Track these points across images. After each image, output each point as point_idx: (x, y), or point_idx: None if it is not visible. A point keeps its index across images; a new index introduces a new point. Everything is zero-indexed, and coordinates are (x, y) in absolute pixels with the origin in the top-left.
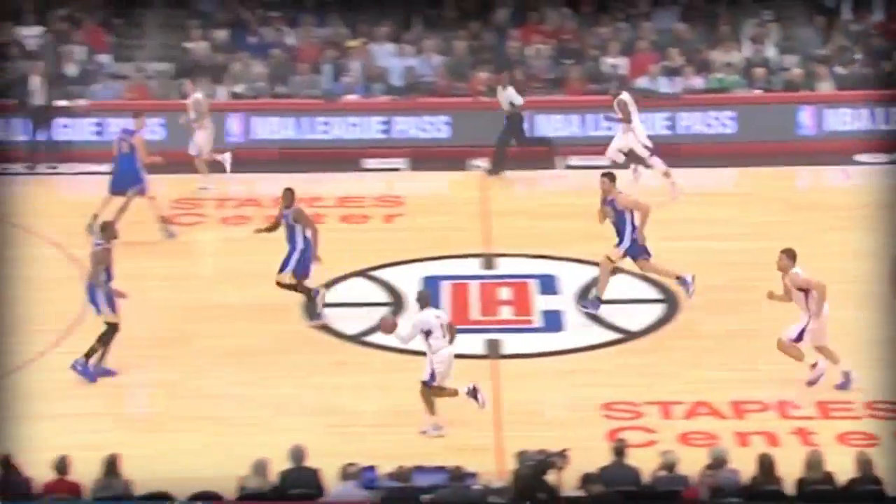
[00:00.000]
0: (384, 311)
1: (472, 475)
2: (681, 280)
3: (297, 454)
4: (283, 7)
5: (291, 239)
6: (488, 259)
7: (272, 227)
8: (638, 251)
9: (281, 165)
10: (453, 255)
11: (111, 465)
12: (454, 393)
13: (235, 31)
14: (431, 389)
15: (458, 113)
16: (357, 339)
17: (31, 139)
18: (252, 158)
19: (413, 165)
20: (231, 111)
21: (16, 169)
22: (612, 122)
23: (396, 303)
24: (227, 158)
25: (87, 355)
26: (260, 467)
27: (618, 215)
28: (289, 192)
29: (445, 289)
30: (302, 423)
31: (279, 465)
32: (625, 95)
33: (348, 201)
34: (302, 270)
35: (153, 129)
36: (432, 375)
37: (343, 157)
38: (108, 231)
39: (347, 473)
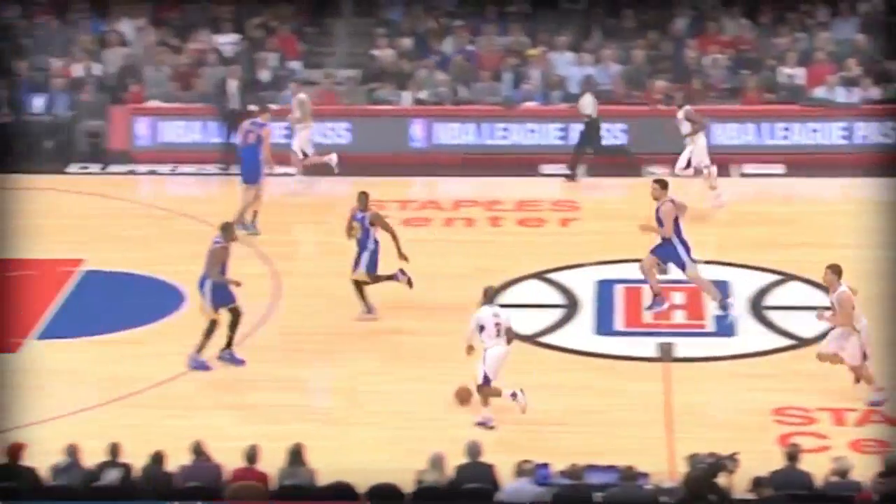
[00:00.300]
0: (558, 313)
1: (644, 475)
2: (657, 301)
3: (474, 449)
4: (467, 16)
5: (364, 240)
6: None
7: (349, 229)
8: (676, 260)
9: (462, 169)
10: (627, 259)
11: (296, 455)
12: (498, 393)
13: (420, 40)
14: (484, 389)
15: (634, 121)
16: (532, 339)
17: (226, 141)
18: (434, 162)
19: (589, 172)
20: (414, 117)
21: (210, 170)
22: (691, 134)
23: (570, 305)
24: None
25: (199, 350)
26: (437, 462)
27: (658, 223)
28: (363, 196)
29: (619, 292)
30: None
31: (456, 460)
32: (687, 106)
33: (526, 205)
34: (373, 267)
35: (339, 133)
36: (486, 378)
37: (521, 163)
38: (227, 231)
39: (522, 470)
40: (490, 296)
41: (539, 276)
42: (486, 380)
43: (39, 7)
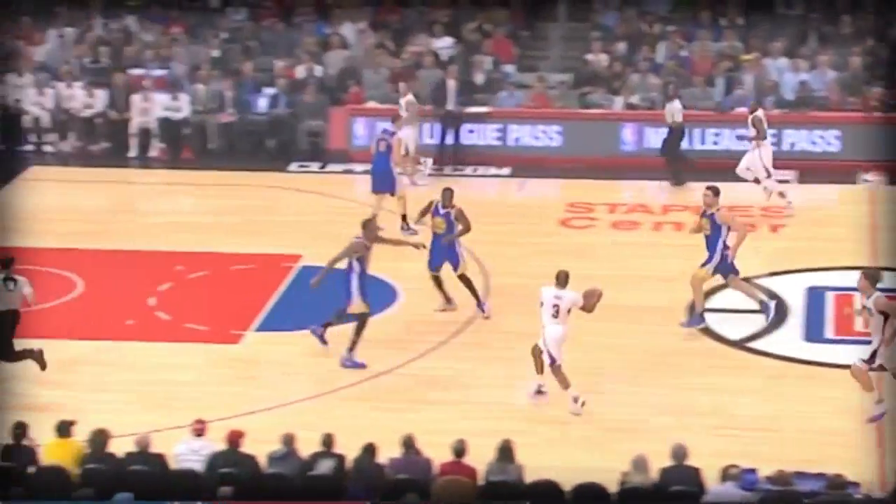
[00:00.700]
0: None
1: (854, 484)
2: (763, 305)
3: (680, 452)
4: (680, 22)
5: (448, 232)
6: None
7: (426, 211)
8: (727, 268)
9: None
10: (839, 266)
11: (506, 451)
12: (565, 384)
13: (633, 44)
14: (555, 369)
15: (849, 127)
16: (740, 343)
17: (441, 142)
18: (644, 167)
19: (802, 178)
20: (626, 121)
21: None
22: (745, 139)
23: (780, 311)
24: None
25: (350, 349)
26: (640, 464)
27: (713, 229)
28: (448, 192)
29: (830, 300)
30: (684, 422)
31: (661, 462)
32: (760, 112)
33: (735, 211)
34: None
35: (551, 136)
36: (551, 358)
37: (731, 168)
38: (368, 229)
39: (728, 474)
40: (561, 280)
41: (749, 280)
42: (552, 360)
43: (266, 10)
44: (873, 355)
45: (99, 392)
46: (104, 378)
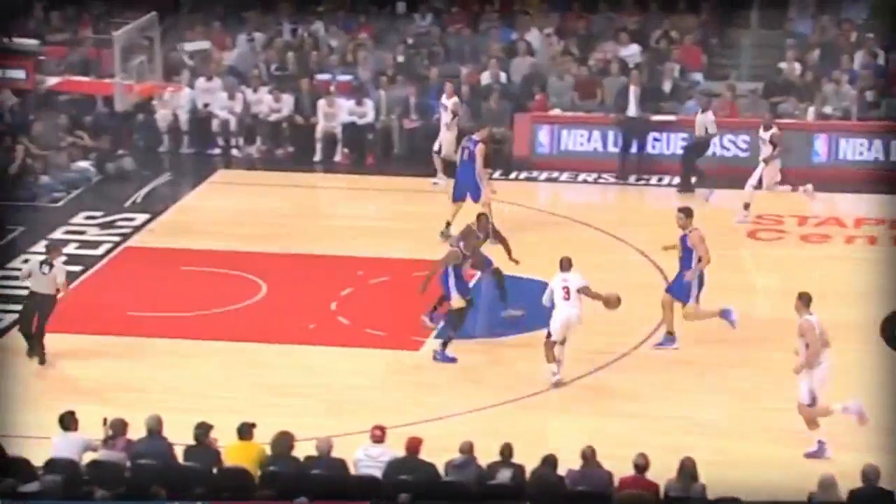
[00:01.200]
0: None
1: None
2: (724, 313)
3: (872, 474)
4: (880, 30)
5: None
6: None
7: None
8: (681, 294)
9: (865, 186)
10: None
11: (688, 468)
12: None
13: (827, 53)
14: (546, 343)
15: None
16: None
17: (624, 151)
18: (836, 179)
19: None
20: (818, 132)
21: (607, 178)
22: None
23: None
24: (809, 190)
25: (445, 344)
26: (828, 484)
27: (685, 251)
28: (684, 213)
29: None
30: (881, 443)
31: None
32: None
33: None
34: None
35: (739, 146)
36: (548, 332)
37: None
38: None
39: None
40: (565, 265)
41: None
42: (549, 334)
43: (452, 16)
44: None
45: (280, 395)
46: (286, 381)
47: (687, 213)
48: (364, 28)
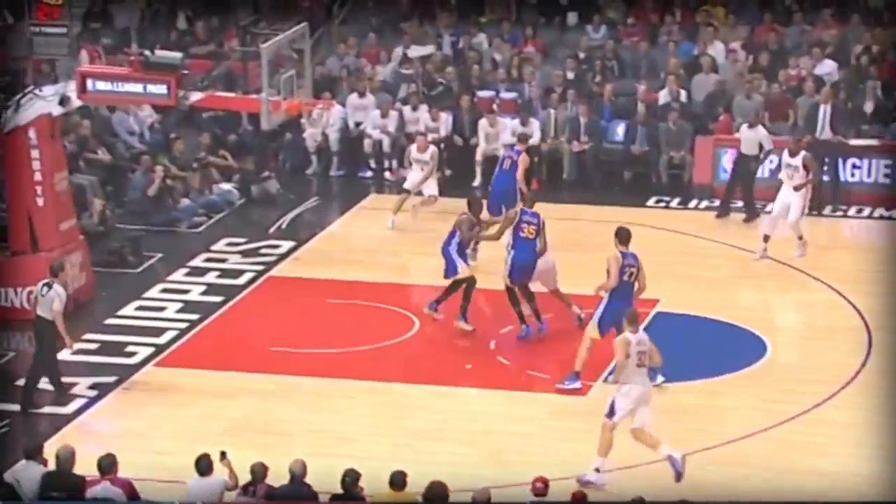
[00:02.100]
0: None
1: None
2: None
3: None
4: None
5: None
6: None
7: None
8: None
9: None
10: None
11: None
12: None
13: None
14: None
15: None
16: None
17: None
18: None
19: None
20: None
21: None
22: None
23: None
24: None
25: (462, 314)
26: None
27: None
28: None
29: None
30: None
31: None
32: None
33: None
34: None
35: None
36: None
37: None
38: (473, 207)
39: None
40: (630, 319)
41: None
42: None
43: (629, 28)
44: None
45: (433, 441)
46: (439, 426)
47: (622, 236)
48: (531, 41)
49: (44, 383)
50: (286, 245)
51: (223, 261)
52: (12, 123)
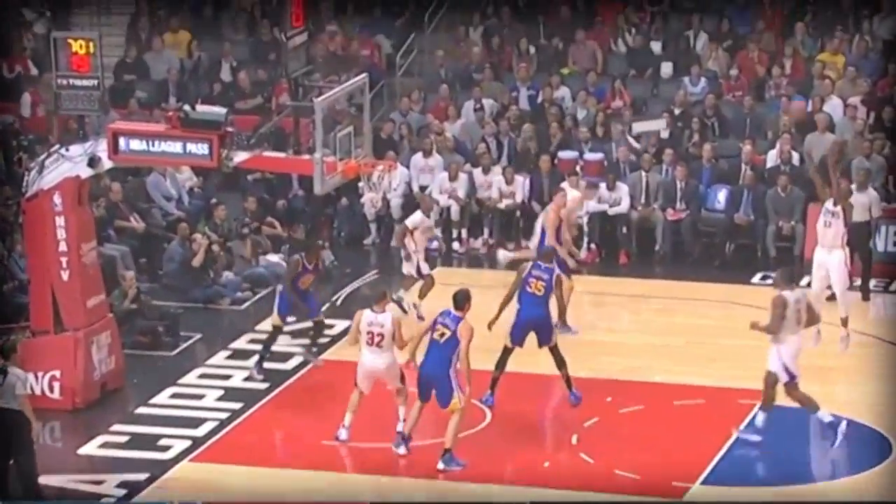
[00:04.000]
0: None
1: None
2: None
3: None
4: None
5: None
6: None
7: None
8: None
9: None
10: None
11: None
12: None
13: None
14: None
15: None
16: None
17: None
18: None
19: None
20: None
21: None
22: None
23: None
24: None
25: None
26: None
27: None
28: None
29: None
30: None
31: None
32: None
33: None
34: None
35: None
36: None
37: None
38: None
39: None
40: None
41: None
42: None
43: (732, 81)
44: None
45: None
46: None
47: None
48: (619, 95)
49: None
50: (340, 325)
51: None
52: (35, 187)
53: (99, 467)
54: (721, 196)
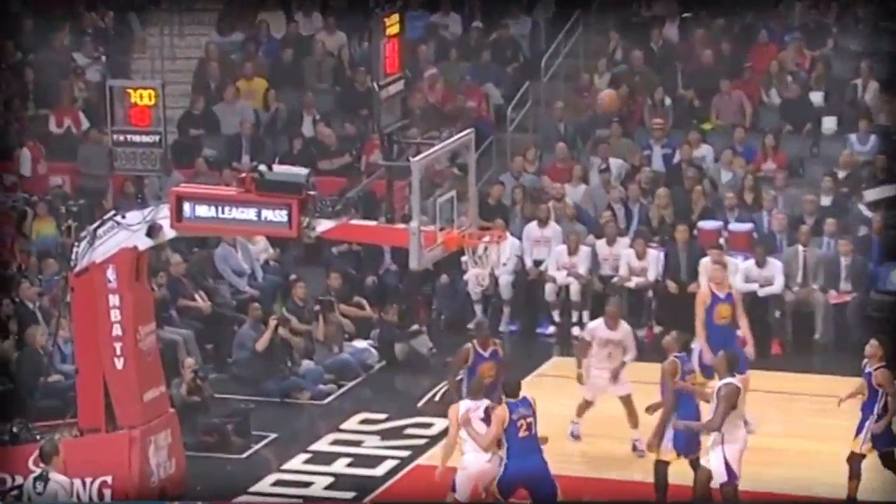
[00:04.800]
0: None
1: None
2: None
3: None
4: None
5: None
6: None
7: None
8: None
9: None
10: None
11: None
12: None
13: None
14: None
15: None
16: None
17: None
18: None
19: None
20: None
21: None
22: None
23: None
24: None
25: None
26: None
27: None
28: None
29: None
30: None
31: None
32: None
33: None
34: None
35: None
36: None
37: None
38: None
39: None
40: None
41: None
42: None
43: None
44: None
45: None
46: None
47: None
48: (772, 154)
49: None
50: (440, 423)
51: (357, 444)
52: (86, 260)
53: None
54: (895, 275)
